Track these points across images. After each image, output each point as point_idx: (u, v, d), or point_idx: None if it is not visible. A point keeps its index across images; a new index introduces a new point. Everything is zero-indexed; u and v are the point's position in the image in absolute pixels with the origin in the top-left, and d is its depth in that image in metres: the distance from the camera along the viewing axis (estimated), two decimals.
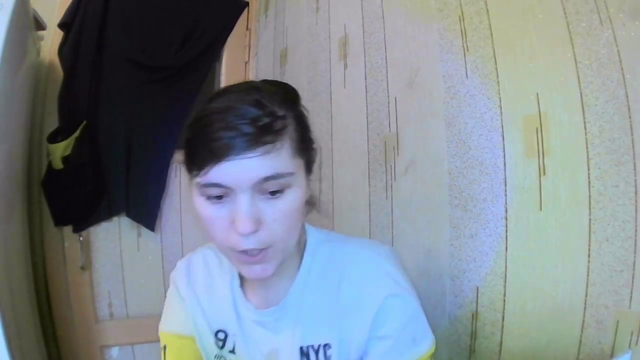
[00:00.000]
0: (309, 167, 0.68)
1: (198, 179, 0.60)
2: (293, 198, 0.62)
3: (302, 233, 0.75)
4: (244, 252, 0.61)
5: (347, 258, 0.72)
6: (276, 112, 0.61)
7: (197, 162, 0.60)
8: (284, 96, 0.64)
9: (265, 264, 0.64)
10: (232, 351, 0.76)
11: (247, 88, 0.64)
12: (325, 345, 0.70)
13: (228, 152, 0.57)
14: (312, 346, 0.71)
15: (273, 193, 0.61)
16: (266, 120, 0.59)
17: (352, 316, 0.69)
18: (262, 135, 0.58)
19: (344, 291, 0.70)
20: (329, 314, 0.70)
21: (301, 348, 0.71)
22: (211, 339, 0.78)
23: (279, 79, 1.72)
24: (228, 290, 0.78)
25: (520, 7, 0.82)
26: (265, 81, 0.69)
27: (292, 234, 0.65)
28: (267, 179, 0.59)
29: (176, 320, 0.81)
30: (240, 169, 0.58)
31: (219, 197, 0.61)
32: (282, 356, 0.72)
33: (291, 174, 0.61)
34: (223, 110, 0.60)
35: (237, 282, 0.78)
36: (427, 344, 0.68)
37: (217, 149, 0.58)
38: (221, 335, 0.78)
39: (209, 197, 0.61)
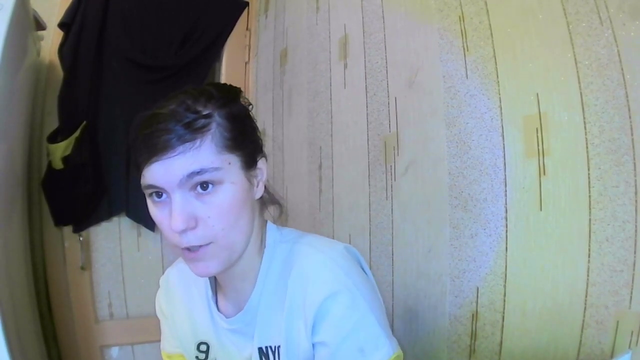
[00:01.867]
0: (249, 163, 0.68)
1: (141, 182, 0.65)
2: (225, 193, 0.64)
3: (262, 233, 0.75)
4: (187, 248, 0.64)
5: (296, 258, 0.71)
6: (200, 111, 0.64)
7: (136, 166, 0.65)
8: (211, 94, 0.66)
9: (207, 261, 0.65)
10: None
11: (176, 94, 0.67)
12: (278, 347, 0.70)
13: (152, 154, 0.61)
14: (270, 347, 0.70)
15: (204, 188, 0.63)
16: (186, 119, 0.62)
17: (297, 318, 0.67)
18: (181, 135, 0.61)
19: (290, 292, 0.68)
20: (279, 315, 0.69)
21: (260, 349, 0.71)
22: (193, 352, 0.79)
23: (279, 79, 1.72)
24: (205, 302, 0.79)
25: (520, 7, 0.82)
26: (206, 84, 0.71)
27: (234, 230, 0.65)
28: (190, 175, 0.61)
29: (164, 340, 0.85)
30: (165, 169, 0.61)
31: (159, 196, 0.64)
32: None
33: (216, 169, 0.63)
34: (150, 116, 0.64)
35: (210, 292, 0.79)
36: (381, 355, 0.63)
37: (144, 152, 0.62)
38: (203, 348, 0.79)
39: (151, 197, 0.65)
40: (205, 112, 0.64)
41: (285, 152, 1.67)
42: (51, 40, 1.69)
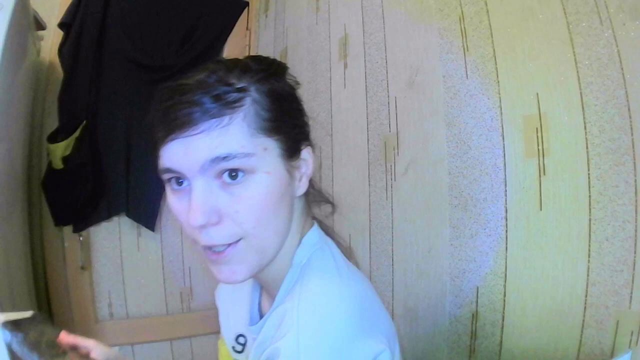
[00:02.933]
0: (290, 151, 0.56)
1: (158, 165, 0.55)
2: (258, 185, 0.53)
3: (295, 238, 0.61)
4: (209, 248, 0.54)
5: (297, 293, 0.56)
6: (232, 83, 0.53)
7: (153, 145, 0.55)
8: (249, 67, 0.55)
9: (234, 265, 0.54)
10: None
11: (207, 65, 0.56)
12: None
13: (170, 131, 0.51)
14: None
15: (232, 177, 0.52)
16: (215, 92, 0.51)
17: (261, 349, 0.56)
18: (208, 109, 0.51)
19: (270, 320, 0.59)
20: (261, 341, 0.59)
21: None
22: (232, 342, 0.73)
23: None
24: (250, 296, 0.72)
25: (520, 7, 0.82)
26: (245, 57, 0.60)
27: (268, 230, 0.54)
28: (215, 160, 0.51)
29: (221, 325, 0.79)
30: (185, 149, 0.51)
31: (179, 183, 0.54)
32: None
33: (248, 154, 0.51)
34: (174, 87, 0.54)
35: (257, 287, 0.71)
36: None
37: (163, 128, 0.52)
38: (241, 340, 0.72)
39: (170, 183, 0.55)
40: (239, 85, 0.53)
41: None
42: (51, 40, 1.69)
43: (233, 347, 0.71)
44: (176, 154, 0.52)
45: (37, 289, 1.58)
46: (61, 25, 1.64)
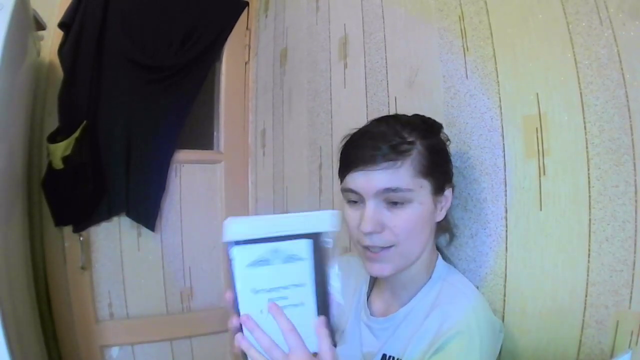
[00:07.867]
0: (437, 189, 0.76)
1: (341, 185, 0.77)
2: (413, 210, 0.73)
3: (433, 257, 0.82)
4: (367, 248, 0.74)
5: (446, 296, 0.77)
6: (405, 137, 0.74)
7: (340, 171, 0.77)
8: (417, 125, 0.77)
9: (384, 263, 0.75)
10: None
11: (388, 117, 0.80)
12: (398, 359, 0.75)
13: (357, 164, 0.73)
14: (392, 357, 0.77)
15: (394, 204, 0.73)
16: (393, 142, 0.72)
17: (424, 340, 0.72)
18: (386, 153, 0.71)
19: (429, 320, 0.74)
20: (411, 335, 0.75)
21: (384, 355, 0.78)
22: None
23: (279, 79, 1.73)
24: (356, 293, 0.89)
25: (520, 7, 0.82)
26: (413, 115, 0.82)
27: (414, 241, 0.75)
28: (387, 190, 0.72)
29: None
30: (366, 179, 0.73)
31: (355, 202, 0.76)
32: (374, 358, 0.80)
33: (409, 190, 0.72)
34: (362, 132, 0.78)
35: (365, 288, 0.89)
36: None
37: (351, 161, 0.75)
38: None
39: (348, 201, 0.77)
40: (409, 139, 0.74)
41: (285, 152, 1.67)
42: (51, 40, 1.69)
43: None
44: (359, 180, 0.74)
45: (37, 289, 1.58)
46: (61, 25, 1.64)
